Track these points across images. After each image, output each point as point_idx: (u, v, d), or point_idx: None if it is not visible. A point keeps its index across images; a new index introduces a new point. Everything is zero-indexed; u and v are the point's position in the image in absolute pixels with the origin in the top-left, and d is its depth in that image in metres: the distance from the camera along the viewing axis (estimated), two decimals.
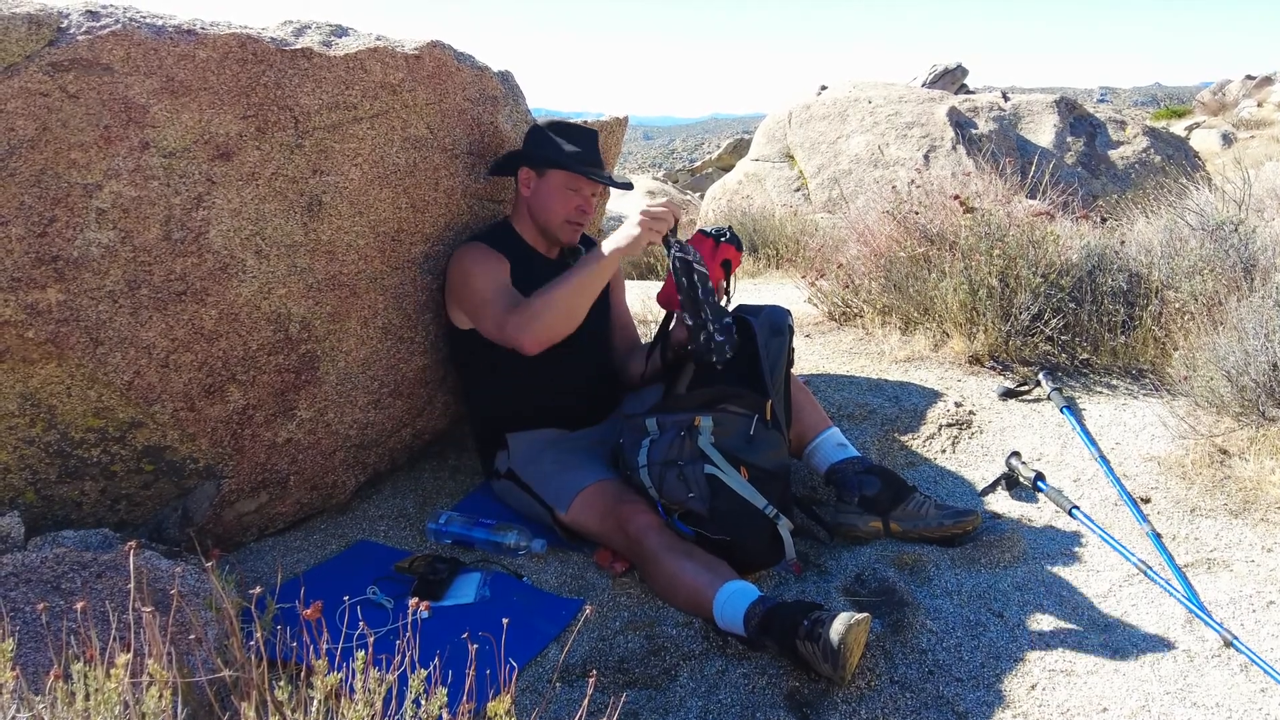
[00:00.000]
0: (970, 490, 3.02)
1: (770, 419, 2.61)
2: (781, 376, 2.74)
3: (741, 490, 2.47)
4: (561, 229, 2.88)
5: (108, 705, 1.28)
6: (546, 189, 2.85)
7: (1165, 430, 3.14)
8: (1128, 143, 9.11)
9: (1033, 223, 4.11)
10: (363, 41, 2.67)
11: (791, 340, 2.81)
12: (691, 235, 2.81)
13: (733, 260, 2.81)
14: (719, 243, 2.77)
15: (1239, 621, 2.27)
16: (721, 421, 2.54)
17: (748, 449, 2.53)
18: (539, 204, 2.86)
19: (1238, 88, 22.64)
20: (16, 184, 2.09)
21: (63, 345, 2.23)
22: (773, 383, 2.68)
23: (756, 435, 2.55)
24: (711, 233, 2.79)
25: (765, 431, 2.58)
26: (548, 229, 2.89)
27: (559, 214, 2.85)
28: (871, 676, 2.12)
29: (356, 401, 2.85)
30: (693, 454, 2.50)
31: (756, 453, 2.54)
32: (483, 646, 1.58)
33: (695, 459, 2.49)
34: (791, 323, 2.82)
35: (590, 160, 2.86)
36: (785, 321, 2.80)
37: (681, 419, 2.55)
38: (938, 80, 13.34)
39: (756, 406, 2.58)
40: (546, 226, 2.88)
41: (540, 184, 2.85)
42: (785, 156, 9.42)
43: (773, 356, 2.72)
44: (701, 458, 2.49)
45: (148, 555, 2.13)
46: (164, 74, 2.26)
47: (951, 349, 3.93)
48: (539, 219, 2.88)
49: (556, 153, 2.83)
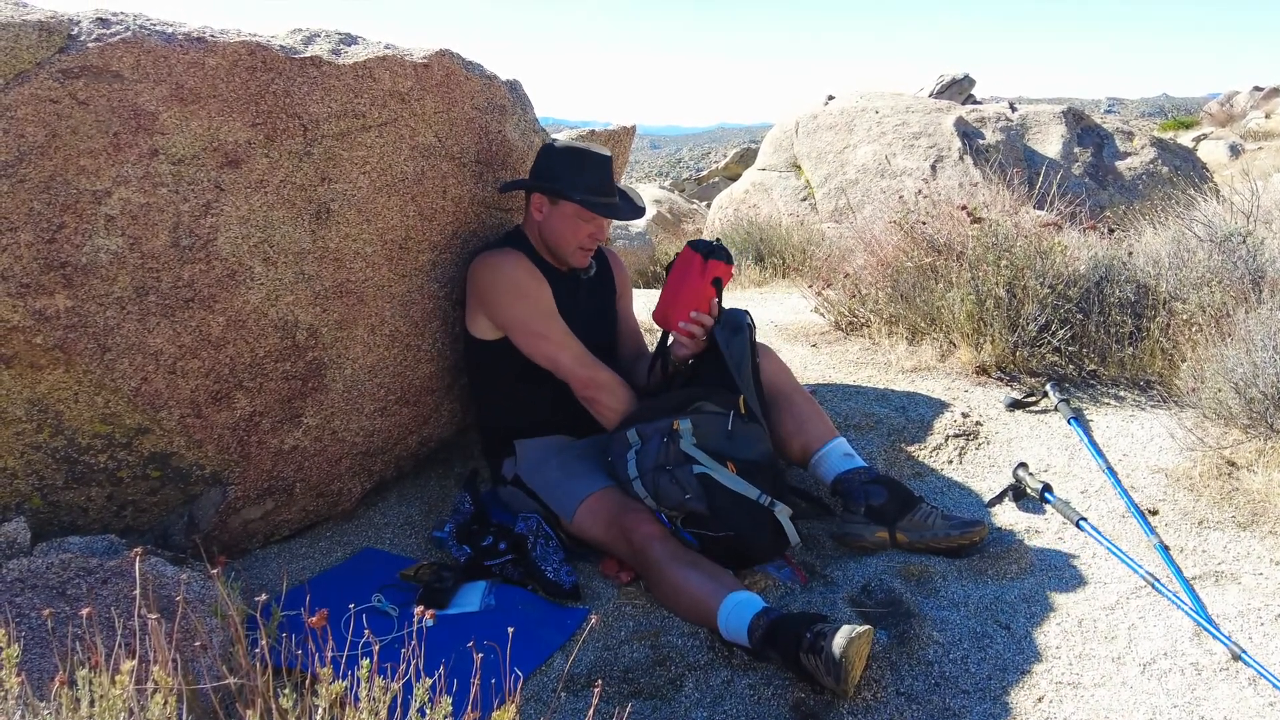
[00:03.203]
0: (977, 501, 3.01)
1: (746, 413, 2.64)
2: (749, 371, 2.75)
3: (733, 485, 2.51)
4: (573, 255, 2.88)
5: (112, 712, 1.28)
6: (559, 216, 2.84)
7: (1173, 442, 3.12)
8: (1135, 153, 9.09)
9: (1040, 233, 4.10)
10: (371, 50, 2.68)
11: (753, 335, 2.82)
12: (682, 250, 2.84)
13: (723, 277, 2.81)
14: (707, 259, 2.78)
15: (1247, 634, 2.26)
16: (699, 423, 2.58)
17: (729, 445, 2.57)
18: (550, 230, 2.87)
19: (1245, 99, 22.60)
20: (26, 190, 2.10)
21: (70, 351, 2.23)
22: (741, 378, 2.70)
23: (735, 430, 2.60)
24: (700, 248, 2.80)
25: (744, 426, 2.62)
26: (558, 253, 2.89)
27: (571, 241, 2.86)
28: (878, 688, 2.11)
29: (363, 409, 2.85)
30: (678, 458, 2.52)
31: (739, 447, 2.58)
32: (488, 655, 1.57)
33: (682, 462, 2.51)
34: (750, 320, 2.83)
35: (603, 190, 2.85)
36: (743, 320, 2.81)
37: (660, 425, 2.59)
38: (945, 90, 13.33)
39: (730, 403, 2.63)
40: (557, 250, 2.88)
41: (553, 211, 2.85)
42: (792, 166, 9.42)
43: (736, 354, 2.74)
44: (688, 460, 2.52)
45: (153, 561, 2.13)
46: (173, 81, 2.27)
47: (958, 359, 3.93)
48: (549, 242, 2.88)
49: (569, 186, 2.81)
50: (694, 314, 2.77)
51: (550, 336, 2.81)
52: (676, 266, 2.84)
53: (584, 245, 2.88)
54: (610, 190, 2.89)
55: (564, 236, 2.85)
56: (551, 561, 2.60)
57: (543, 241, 2.90)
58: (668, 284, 2.86)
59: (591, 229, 2.86)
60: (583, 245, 2.87)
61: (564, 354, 2.80)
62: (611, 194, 2.89)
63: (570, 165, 2.84)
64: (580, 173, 2.82)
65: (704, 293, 2.78)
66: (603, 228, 2.90)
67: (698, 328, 2.77)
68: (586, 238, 2.86)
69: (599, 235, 2.88)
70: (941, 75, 13.88)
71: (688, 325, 2.77)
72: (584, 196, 2.79)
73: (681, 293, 2.80)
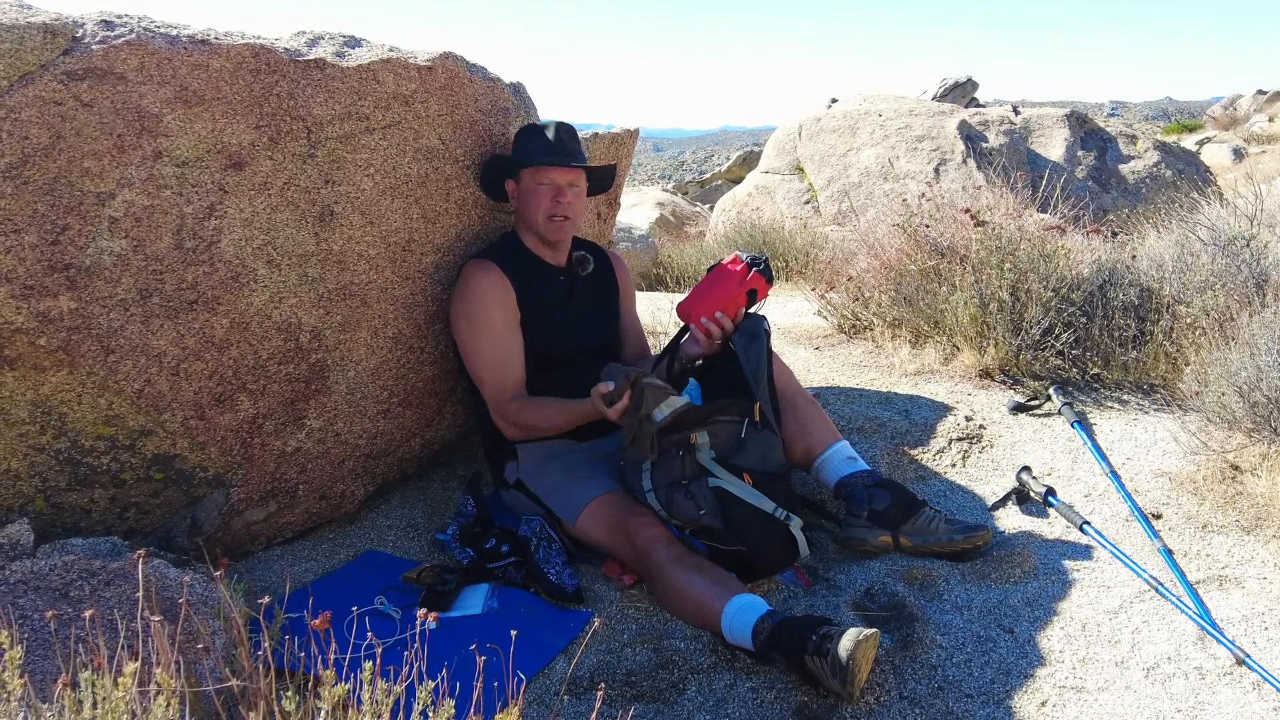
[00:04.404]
0: (981, 505, 3.00)
1: (760, 420, 2.63)
2: (765, 378, 2.74)
3: (749, 498, 2.49)
4: (546, 227, 2.87)
5: (115, 714, 1.28)
6: (523, 192, 2.88)
7: (1177, 446, 3.12)
8: (1138, 157, 9.09)
9: (1044, 237, 4.10)
10: (375, 53, 2.68)
11: (769, 343, 2.81)
12: (730, 256, 2.84)
13: (759, 291, 2.81)
14: (751, 271, 2.78)
15: (1251, 639, 2.25)
16: (715, 433, 2.57)
17: (742, 453, 2.56)
18: (522, 209, 2.89)
19: (1249, 102, 22.58)
20: (30, 192, 2.11)
21: (74, 353, 2.23)
22: (757, 385, 2.69)
23: (748, 437, 2.58)
24: (746, 259, 2.80)
25: (757, 433, 2.60)
26: (535, 230, 2.89)
27: (539, 211, 2.85)
28: (881, 692, 2.11)
29: (366, 411, 2.85)
30: (695, 470, 2.51)
31: (752, 455, 2.56)
32: (490, 658, 1.57)
33: (699, 475, 2.50)
34: (767, 326, 2.82)
35: (555, 150, 2.86)
36: (761, 327, 2.80)
37: (677, 438, 2.56)
38: (948, 94, 13.34)
39: (745, 411, 2.61)
40: (534, 228, 2.89)
41: (519, 190, 2.89)
42: (795, 169, 9.42)
43: (753, 360, 2.72)
44: (704, 473, 2.50)
45: (156, 564, 2.14)
46: (177, 83, 2.28)
47: (962, 363, 3.92)
48: (527, 223, 2.90)
49: (522, 153, 2.86)
50: (718, 314, 2.76)
51: (480, 352, 2.84)
52: (718, 268, 2.84)
53: (553, 213, 2.85)
54: (565, 152, 2.88)
55: (532, 210, 2.85)
56: (554, 564, 2.60)
57: (529, 229, 2.91)
58: (703, 281, 2.85)
59: (552, 192, 2.84)
60: (551, 213, 2.85)
61: (486, 374, 2.84)
62: (568, 155, 2.88)
63: (521, 138, 2.91)
64: (530, 141, 2.88)
65: (736, 299, 2.77)
66: (566, 192, 2.86)
67: (717, 329, 2.76)
68: (550, 202, 2.84)
69: (561, 198, 2.85)
70: (945, 78, 13.88)
71: (708, 323, 2.76)
72: (531, 157, 2.83)
73: (713, 292, 2.80)
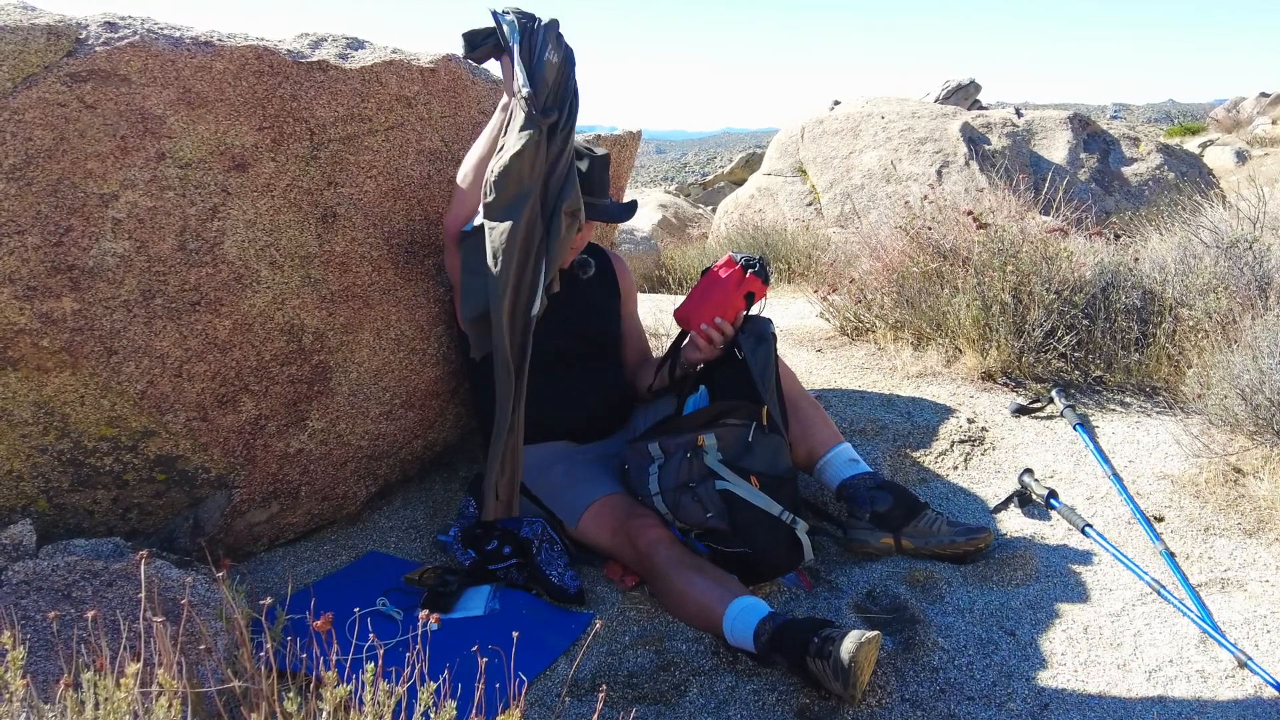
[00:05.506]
0: (982, 507, 3.00)
1: (768, 424, 2.62)
2: (773, 381, 2.74)
3: (756, 500, 2.48)
4: None
5: (117, 715, 1.28)
6: None
7: (1179, 449, 3.12)
8: (1141, 159, 9.08)
9: (1046, 239, 4.10)
10: (378, 54, 2.69)
11: (775, 345, 2.81)
12: (724, 258, 2.82)
13: (757, 293, 2.80)
14: (747, 272, 2.77)
15: (1253, 642, 2.25)
16: (723, 435, 2.56)
17: (749, 456, 2.55)
18: None
19: (1252, 105, 22.57)
20: (33, 193, 2.11)
21: (77, 354, 2.24)
22: (764, 388, 2.68)
23: (755, 441, 2.57)
24: (741, 261, 2.79)
25: (764, 436, 2.59)
26: None
27: None
28: (882, 694, 2.11)
29: (369, 413, 2.85)
30: (702, 473, 2.51)
31: (760, 458, 2.55)
32: (492, 659, 1.57)
33: (706, 477, 2.50)
34: (774, 329, 2.82)
35: (590, 190, 2.76)
36: (768, 329, 2.80)
37: (684, 440, 2.56)
38: (951, 96, 13.33)
39: (753, 414, 2.60)
40: None
41: None
42: (797, 171, 9.42)
43: (760, 363, 2.72)
44: (712, 475, 2.50)
45: (158, 565, 2.14)
46: (181, 85, 2.28)
47: (964, 365, 3.92)
48: None
49: None
50: (718, 320, 2.76)
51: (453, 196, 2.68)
52: (713, 271, 2.82)
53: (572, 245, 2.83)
54: (596, 190, 2.82)
55: None
56: (556, 566, 2.60)
57: None
58: (699, 286, 2.83)
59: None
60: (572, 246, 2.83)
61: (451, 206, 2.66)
62: (599, 193, 2.83)
63: None
64: None
65: (734, 303, 2.76)
66: (589, 228, 2.84)
67: (717, 334, 2.76)
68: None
69: (585, 233, 2.84)
70: (947, 80, 13.88)
71: (708, 329, 2.76)
72: None
73: (710, 297, 2.78)
